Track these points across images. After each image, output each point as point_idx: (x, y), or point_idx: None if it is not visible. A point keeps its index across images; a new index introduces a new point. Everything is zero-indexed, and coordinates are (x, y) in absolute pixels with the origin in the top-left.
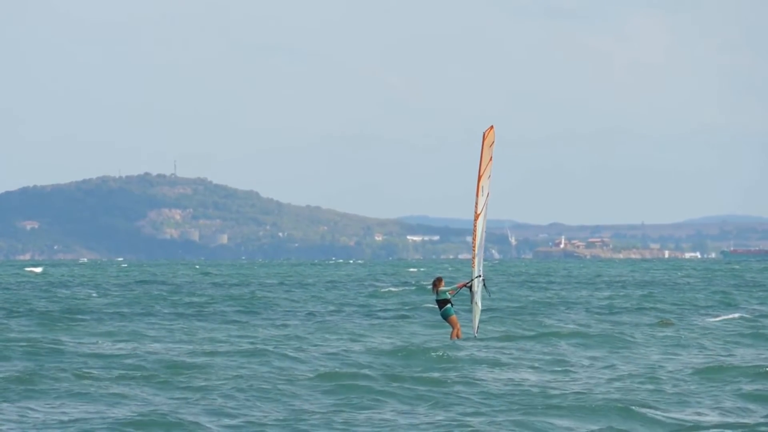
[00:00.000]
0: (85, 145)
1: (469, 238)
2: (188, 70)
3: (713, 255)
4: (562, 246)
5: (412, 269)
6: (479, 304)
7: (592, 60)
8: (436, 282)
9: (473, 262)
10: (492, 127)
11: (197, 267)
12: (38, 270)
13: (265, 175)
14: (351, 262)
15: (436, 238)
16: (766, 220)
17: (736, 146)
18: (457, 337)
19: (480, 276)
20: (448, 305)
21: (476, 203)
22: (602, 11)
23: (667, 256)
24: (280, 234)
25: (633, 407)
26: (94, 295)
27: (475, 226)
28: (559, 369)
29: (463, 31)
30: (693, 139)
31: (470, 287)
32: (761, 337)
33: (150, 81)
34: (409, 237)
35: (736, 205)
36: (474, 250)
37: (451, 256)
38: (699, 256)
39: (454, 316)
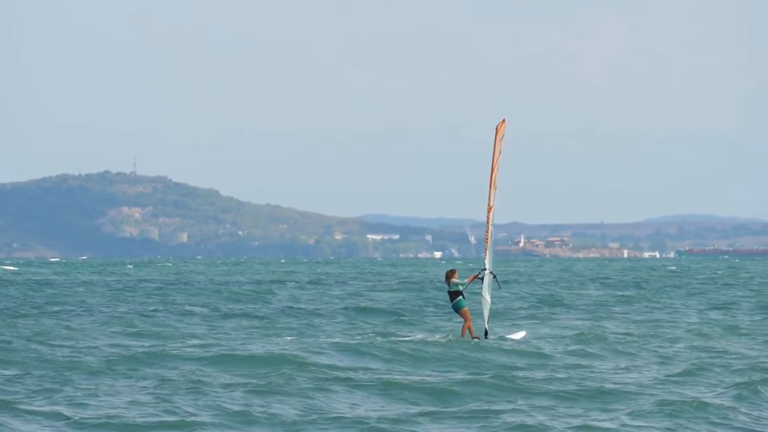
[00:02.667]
0: (44, 143)
1: (428, 237)
2: (149, 69)
3: (672, 254)
4: (521, 245)
5: (390, 267)
6: (488, 297)
7: (555, 59)
8: (449, 274)
9: (485, 255)
10: (504, 120)
11: (169, 264)
12: (12, 268)
13: (224, 173)
14: (320, 260)
15: (396, 236)
16: (725, 219)
17: (696, 145)
18: (469, 330)
19: (485, 269)
20: (460, 297)
21: (489, 196)
22: (568, 9)
23: (626, 255)
24: (240, 232)
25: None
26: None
27: (488, 219)
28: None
29: (430, 29)
30: (653, 138)
31: (481, 279)
32: None
33: (111, 79)
34: (369, 236)
35: (695, 205)
36: (487, 243)
37: (411, 255)
38: (658, 256)
39: (465, 308)
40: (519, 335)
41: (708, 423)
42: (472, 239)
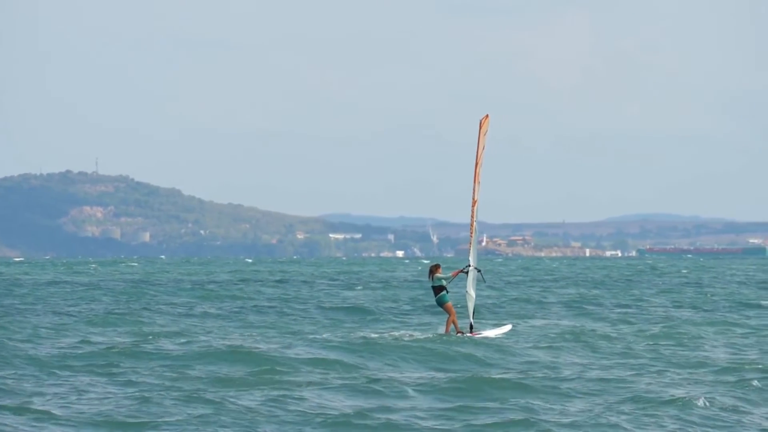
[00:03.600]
0: (6, 142)
1: (390, 236)
2: (111, 67)
3: (634, 253)
4: (483, 244)
5: (356, 266)
6: (472, 293)
7: (519, 60)
8: (433, 268)
9: (470, 250)
10: (487, 115)
11: (135, 264)
12: None
13: (186, 172)
14: (284, 259)
15: (358, 236)
16: (686, 218)
17: (657, 145)
18: (454, 325)
19: (470, 265)
20: (444, 292)
21: (474, 190)
22: (533, 9)
23: (588, 254)
24: (202, 232)
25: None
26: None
27: (472, 213)
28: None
29: (387, 28)
30: (615, 138)
31: (466, 274)
32: None
33: (72, 76)
34: (331, 235)
35: (656, 204)
36: (471, 236)
37: (373, 254)
38: (619, 254)
39: (449, 303)
40: (504, 329)
41: (685, 417)
42: (435, 238)
